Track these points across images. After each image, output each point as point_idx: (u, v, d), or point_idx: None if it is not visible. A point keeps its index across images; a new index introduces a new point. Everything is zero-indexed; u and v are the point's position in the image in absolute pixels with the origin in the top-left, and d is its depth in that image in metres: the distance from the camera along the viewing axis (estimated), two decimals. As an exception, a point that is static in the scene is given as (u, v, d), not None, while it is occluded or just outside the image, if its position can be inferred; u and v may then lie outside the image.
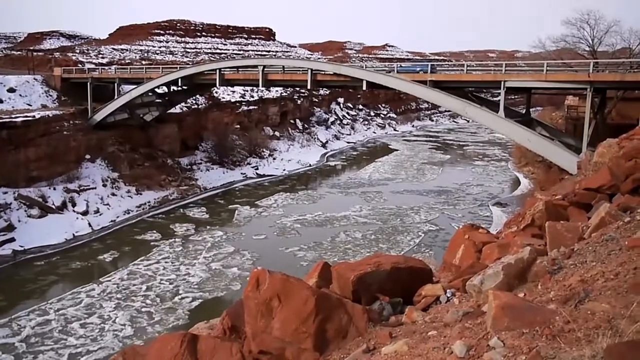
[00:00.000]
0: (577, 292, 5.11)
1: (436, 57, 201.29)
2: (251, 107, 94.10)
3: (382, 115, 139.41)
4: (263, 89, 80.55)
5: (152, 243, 48.11)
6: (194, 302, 36.37)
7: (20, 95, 63.46)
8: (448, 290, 7.49)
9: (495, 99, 58.31)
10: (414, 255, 42.99)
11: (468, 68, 47.66)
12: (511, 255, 6.98)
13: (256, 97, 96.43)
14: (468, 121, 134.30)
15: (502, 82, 41.12)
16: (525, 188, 62.95)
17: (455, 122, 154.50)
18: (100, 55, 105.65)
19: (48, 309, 34.91)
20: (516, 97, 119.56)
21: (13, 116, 54.09)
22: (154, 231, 51.21)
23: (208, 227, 53.08)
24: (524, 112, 47.76)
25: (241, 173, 75.47)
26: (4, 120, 52.01)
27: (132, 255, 45.26)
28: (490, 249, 9.25)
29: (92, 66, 79.51)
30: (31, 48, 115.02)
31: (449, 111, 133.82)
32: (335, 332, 6.25)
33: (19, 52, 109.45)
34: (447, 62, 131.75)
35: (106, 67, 77.18)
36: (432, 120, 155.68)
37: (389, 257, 8.35)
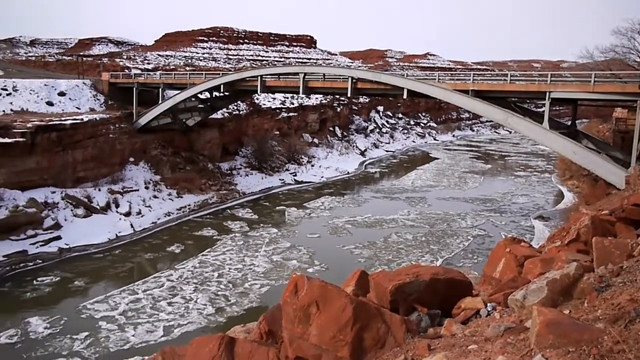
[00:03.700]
0: (627, 312, 4.92)
1: (478, 67, 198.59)
2: (291, 114, 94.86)
3: (422, 124, 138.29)
4: (303, 96, 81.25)
5: (214, 238, 51.13)
6: (262, 288, 39.44)
7: (70, 98, 65.74)
8: (489, 304, 7.33)
9: (539, 109, 57.04)
10: (463, 260, 44.16)
11: (511, 78, 46.76)
12: (555, 270, 6.78)
13: (296, 104, 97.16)
14: (510, 132, 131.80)
15: (547, 93, 40.19)
16: (570, 202, 61.39)
17: (497, 132, 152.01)
18: (146, 61, 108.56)
19: (136, 289, 38.81)
20: (561, 108, 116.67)
21: (63, 119, 56.05)
22: (209, 228, 53.79)
23: (262, 225, 55.41)
24: (569, 123, 46.47)
25: (279, 179, 76.03)
26: (54, 122, 53.96)
27: (199, 248, 48.36)
28: (533, 264, 9.02)
29: (138, 71, 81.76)
30: (81, 53, 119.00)
31: (490, 121, 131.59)
32: (372, 342, 6.19)
33: (69, 57, 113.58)
34: (489, 72, 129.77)
35: (151, 73, 79.17)
36: (473, 131, 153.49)
37: (428, 268, 8.24)
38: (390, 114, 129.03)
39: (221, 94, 68.81)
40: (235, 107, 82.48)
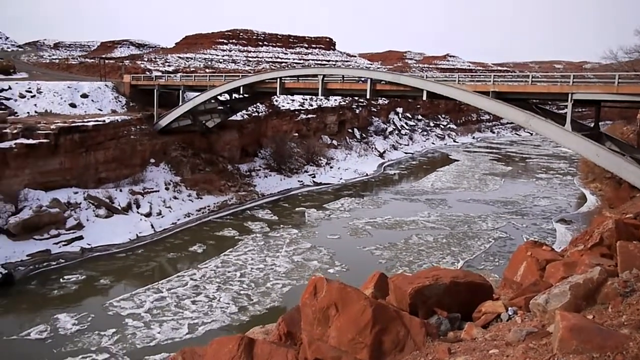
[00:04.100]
0: (653, 317, 4.82)
1: (499, 68, 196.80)
2: (310, 116, 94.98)
3: (442, 126, 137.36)
4: (322, 97, 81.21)
5: (235, 238, 51.60)
6: (284, 288, 39.91)
7: (92, 100, 66.78)
8: (510, 308, 7.24)
9: (561, 111, 56.27)
10: (484, 263, 44.14)
11: (533, 79, 46.17)
12: (579, 274, 6.67)
13: (315, 106, 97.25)
14: (531, 134, 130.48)
15: (570, 94, 39.60)
16: (592, 205, 60.61)
17: (517, 134, 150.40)
18: (167, 64, 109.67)
19: (160, 288, 39.57)
20: (584, 110, 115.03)
21: (85, 120, 56.96)
22: (230, 228, 54.27)
23: (282, 226, 55.82)
24: (592, 125, 45.72)
25: (298, 181, 76.18)
26: (77, 124, 54.84)
27: (220, 248, 48.90)
28: (555, 268, 8.88)
29: (159, 74, 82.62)
30: (103, 56, 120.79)
31: (511, 123, 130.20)
32: (392, 345, 6.16)
33: (92, 60, 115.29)
34: (510, 73, 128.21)
35: (172, 75, 79.98)
36: (494, 132, 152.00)
37: (448, 271, 8.18)
38: (410, 116, 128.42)
39: (241, 96, 69.16)
40: (255, 109, 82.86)
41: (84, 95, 66.57)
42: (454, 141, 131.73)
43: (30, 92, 63.25)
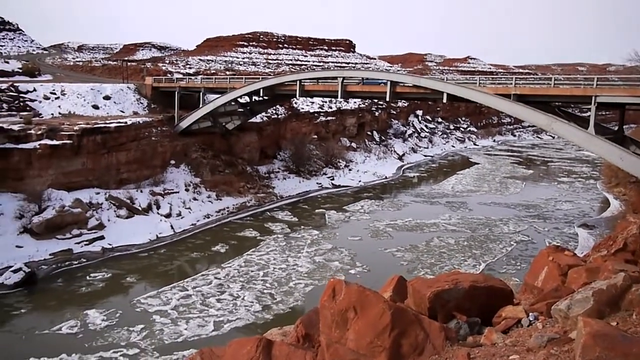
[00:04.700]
0: (679, 325, 4.72)
1: (520, 71, 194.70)
2: (329, 118, 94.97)
3: (462, 129, 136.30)
4: (341, 100, 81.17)
5: (257, 238, 52.10)
6: (306, 287, 40.30)
7: (115, 102, 67.69)
8: (530, 314, 7.15)
9: (584, 114, 55.41)
10: (506, 266, 44.08)
11: (555, 82, 45.55)
12: (602, 280, 6.56)
13: (334, 108, 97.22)
14: (553, 137, 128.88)
15: (593, 97, 38.94)
16: (616, 210, 59.68)
17: (539, 137, 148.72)
18: (188, 66, 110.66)
19: (186, 286, 40.38)
20: (607, 113, 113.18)
21: (107, 122, 57.76)
22: (251, 229, 54.77)
23: (302, 227, 56.18)
24: (616, 129, 44.92)
25: (317, 183, 76.20)
26: (99, 125, 55.64)
27: (242, 248, 49.43)
28: (577, 273, 8.76)
29: (180, 76, 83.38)
30: (125, 58, 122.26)
31: (532, 126, 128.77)
32: (410, 348, 6.12)
33: (114, 62, 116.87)
34: (532, 76, 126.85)
35: (193, 77, 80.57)
36: (515, 136, 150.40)
37: (468, 275, 8.11)
38: (430, 118, 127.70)
39: (260, 98, 69.33)
40: (274, 111, 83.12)
41: (107, 97, 67.49)
42: (475, 144, 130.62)
43: (55, 93, 64.39)
